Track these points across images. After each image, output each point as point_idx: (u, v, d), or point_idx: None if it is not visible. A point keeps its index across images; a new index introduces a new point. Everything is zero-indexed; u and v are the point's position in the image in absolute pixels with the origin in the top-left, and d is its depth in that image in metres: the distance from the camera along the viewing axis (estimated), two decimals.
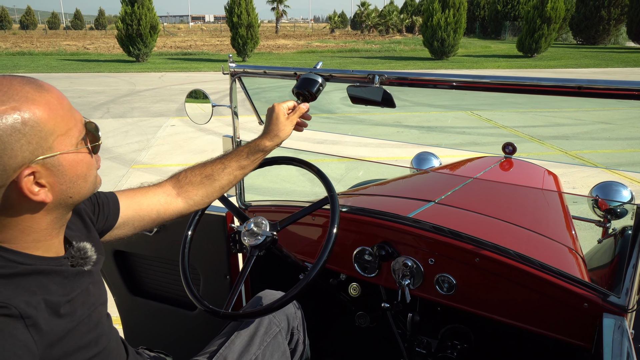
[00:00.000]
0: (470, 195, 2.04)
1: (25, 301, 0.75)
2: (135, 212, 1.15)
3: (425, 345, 1.73)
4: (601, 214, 2.33)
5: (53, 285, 0.82)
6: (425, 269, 1.46)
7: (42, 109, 0.76)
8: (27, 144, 0.74)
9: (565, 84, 1.10)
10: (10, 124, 0.72)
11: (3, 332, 0.70)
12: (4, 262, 0.77)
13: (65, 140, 0.80)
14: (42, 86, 0.79)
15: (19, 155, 0.73)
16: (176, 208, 1.21)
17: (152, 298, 1.95)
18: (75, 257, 0.90)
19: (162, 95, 12.13)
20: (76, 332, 0.83)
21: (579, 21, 31.64)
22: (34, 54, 24.94)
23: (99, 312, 0.93)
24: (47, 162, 0.77)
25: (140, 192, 1.18)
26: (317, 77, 1.38)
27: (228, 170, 1.25)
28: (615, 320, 1.14)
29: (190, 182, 1.23)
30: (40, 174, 0.77)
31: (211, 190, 1.25)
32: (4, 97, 0.73)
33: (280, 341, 1.35)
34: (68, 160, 0.80)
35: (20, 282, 0.78)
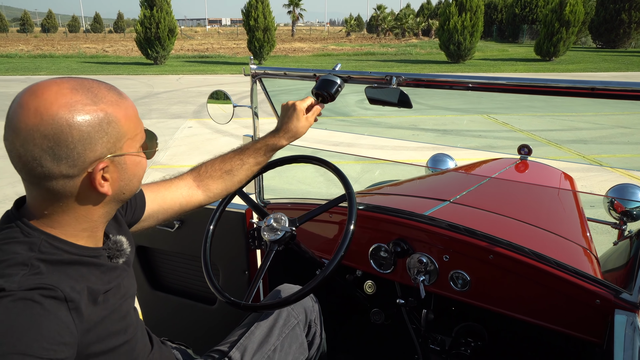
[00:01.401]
0: (485, 195, 2.06)
1: (70, 286, 0.80)
2: (160, 206, 1.23)
3: (440, 343, 1.75)
4: (617, 216, 2.33)
5: (92, 276, 0.88)
6: (440, 266, 1.49)
7: (122, 114, 0.85)
8: (106, 142, 0.83)
9: (579, 85, 1.12)
10: (98, 122, 0.81)
11: (50, 312, 0.75)
12: (52, 249, 0.83)
13: (133, 143, 0.89)
14: (122, 94, 0.88)
15: (99, 150, 0.82)
16: (197, 200, 1.30)
17: (173, 293, 2.01)
18: (112, 249, 0.97)
19: (180, 97, 12.29)
20: (109, 320, 0.89)
21: (598, 24, 31.23)
22: (54, 56, 25.44)
23: (128, 304, 0.99)
24: (116, 160, 0.86)
25: (164, 185, 1.27)
26: (336, 78, 1.43)
27: (246, 167, 1.35)
28: (627, 316, 1.15)
29: (211, 176, 1.32)
30: (109, 168, 0.85)
31: (230, 185, 1.35)
32: (95, 98, 0.82)
33: (298, 333, 1.39)
34: (131, 160, 0.90)
35: (65, 269, 0.83)
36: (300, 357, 1.39)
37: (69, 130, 0.78)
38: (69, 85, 0.81)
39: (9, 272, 0.76)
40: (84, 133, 0.79)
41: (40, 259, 0.80)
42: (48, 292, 0.76)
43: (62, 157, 0.79)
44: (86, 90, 0.82)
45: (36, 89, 0.79)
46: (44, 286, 0.76)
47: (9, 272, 0.76)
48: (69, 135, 0.78)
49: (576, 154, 6.76)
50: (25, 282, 0.75)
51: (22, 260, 0.78)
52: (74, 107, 0.79)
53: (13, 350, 0.69)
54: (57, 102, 0.78)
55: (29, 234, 0.83)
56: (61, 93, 0.79)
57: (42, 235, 0.83)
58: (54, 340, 0.73)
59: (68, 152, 0.79)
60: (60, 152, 0.78)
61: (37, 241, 0.82)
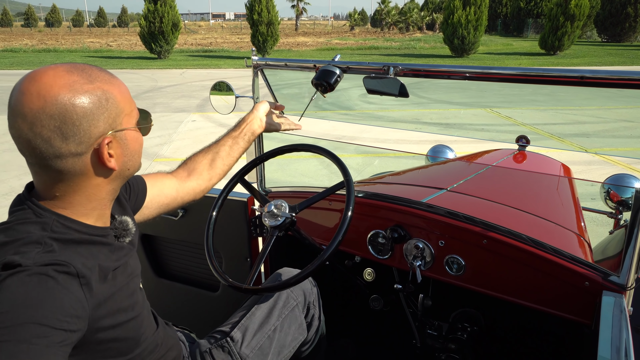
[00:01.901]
0: (481, 183, 2.09)
1: (81, 263, 0.85)
2: (160, 190, 1.29)
3: (437, 328, 1.80)
4: (613, 205, 2.36)
5: (102, 255, 0.93)
6: (436, 251, 1.53)
7: (117, 91, 0.91)
8: (107, 117, 0.88)
9: (569, 74, 1.16)
10: (99, 98, 0.86)
11: (62, 286, 0.79)
12: (63, 229, 0.88)
13: (130, 119, 0.94)
14: (113, 75, 0.93)
15: (101, 126, 0.87)
16: (190, 187, 1.37)
17: (177, 280, 2.06)
18: (119, 229, 1.02)
19: (183, 91, 12.34)
20: (117, 296, 0.94)
21: (604, 18, 31.05)
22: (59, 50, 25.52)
23: (135, 283, 1.04)
24: (118, 135, 0.91)
25: (160, 175, 1.34)
26: (335, 69, 1.47)
27: (225, 148, 1.45)
28: (615, 298, 1.19)
29: (196, 165, 1.41)
30: (112, 144, 0.90)
31: (215, 170, 1.43)
32: (90, 77, 0.87)
33: (297, 314, 1.44)
34: (131, 136, 0.95)
35: (76, 248, 0.88)
36: (299, 338, 1.44)
37: (73, 108, 0.83)
38: (63, 68, 0.85)
39: (24, 250, 0.81)
40: (86, 109, 0.84)
41: (53, 237, 0.85)
42: (61, 268, 0.81)
43: (69, 135, 0.83)
44: (80, 71, 0.86)
45: (34, 75, 0.84)
46: (58, 262, 0.81)
47: (24, 250, 0.81)
48: (73, 113, 0.83)
49: (578, 148, 6.77)
50: (40, 259, 0.80)
51: (36, 239, 0.83)
52: (73, 86, 0.83)
53: (30, 320, 0.73)
54: (57, 84, 0.83)
55: (40, 215, 0.87)
56: (59, 75, 0.84)
57: (53, 215, 0.88)
58: (67, 312, 0.78)
59: (74, 130, 0.83)
60: (67, 130, 0.83)
61: (49, 221, 0.87)
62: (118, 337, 0.94)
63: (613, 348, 1.01)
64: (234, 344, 1.31)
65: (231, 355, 1.30)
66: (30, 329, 0.73)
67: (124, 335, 0.95)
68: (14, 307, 0.74)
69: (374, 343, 2.09)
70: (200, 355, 1.30)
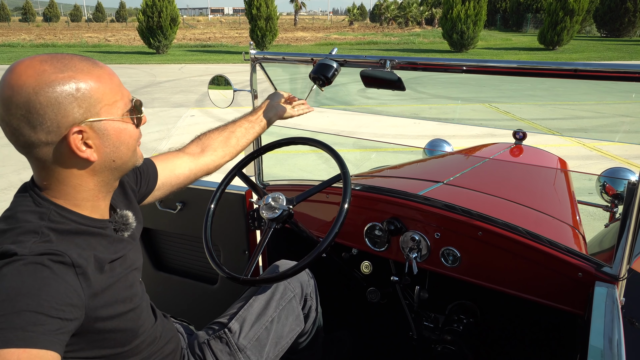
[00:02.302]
0: (477, 177, 2.11)
1: (77, 253, 0.87)
2: (172, 172, 1.31)
3: (433, 320, 1.82)
4: (609, 199, 2.38)
5: (99, 246, 0.95)
6: (432, 243, 1.55)
7: (94, 81, 0.89)
8: (77, 107, 0.86)
9: (562, 67, 1.17)
10: (66, 88, 0.85)
11: (58, 276, 0.81)
12: (60, 219, 0.90)
13: (112, 109, 0.92)
14: (97, 63, 0.92)
15: (70, 116, 0.86)
16: (204, 163, 1.38)
17: (176, 273, 2.07)
18: (118, 223, 1.03)
19: (182, 86, 12.32)
20: (115, 287, 0.95)
21: (603, 13, 30.95)
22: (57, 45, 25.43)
23: (134, 275, 1.05)
24: (95, 126, 0.89)
25: (171, 154, 1.35)
26: (332, 62, 1.48)
27: (241, 129, 1.47)
28: (607, 288, 1.21)
29: (211, 141, 1.42)
30: (88, 135, 0.89)
31: (229, 148, 1.44)
32: (64, 67, 0.86)
33: (295, 306, 1.46)
34: (113, 127, 0.92)
35: (73, 238, 0.90)
36: (296, 329, 1.46)
37: (36, 97, 0.83)
38: (39, 59, 0.86)
39: (21, 239, 0.82)
40: (50, 98, 0.84)
41: (50, 227, 0.86)
42: (57, 258, 0.82)
43: (36, 124, 0.84)
44: (56, 61, 0.86)
45: (12, 66, 0.86)
46: (53, 252, 0.82)
47: (21, 239, 0.82)
48: (36, 102, 0.83)
49: (576, 142, 6.79)
50: (36, 248, 0.81)
51: (33, 229, 0.85)
52: (40, 75, 0.84)
53: (26, 308, 0.74)
54: (26, 73, 0.83)
55: (39, 204, 0.89)
56: (31, 65, 0.84)
57: (52, 205, 0.90)
58: (62, 301, 0.79)
59: (40, 119, 0.84)
60: (33, 119, 0.84)
61: (47, 211, 0.88)
62: (116, 327, 0.95)
63: (604, 338, 1.03)
64: (232, 335, 1.33)
65: (229, 346, 1.32)
66: (26, 317, 0.74)
67: (122, 326, 0.96)
68: (10, 296, 0.75)
69: (370, 335, 2.11)
70: (199, 346, 1.32)
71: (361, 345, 2.04)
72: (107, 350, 0.96)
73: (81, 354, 0.91)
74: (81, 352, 0.90)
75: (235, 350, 1.31)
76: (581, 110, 9.04)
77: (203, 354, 1.30)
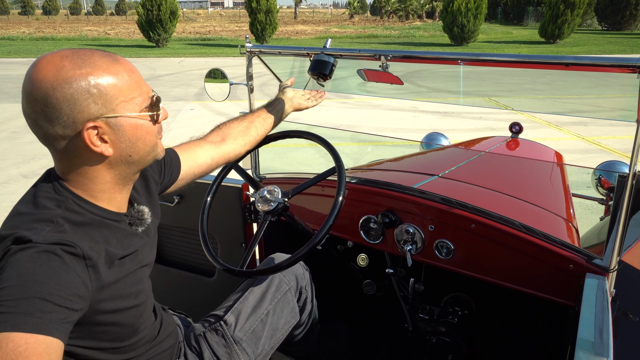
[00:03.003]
0: (472, 170, 2.12)
1: (89, 246, 0.88)
2: (194, 161, 1.34)
3: (429, 312, 1.83)
4: (604, 192, 2.39)
5: (114, 240, 0.96)
6: (426, 235, 1.56)
7: (111, 77, 0.90)
8: (93, 103, 0.88)
9: (554, 60, 1.18)
10: (83, 85, 0.87)
11: (69, 266, 0.83)
12: (77, 208, 0.92)
13: (128, 105, 0.93)
14: (117, 59, 0.93)
15: (86, 111, 0.88)
16: (225, 151, 1.42)
17: (173, 265, 2.09)
18: (134, 217, 1.04)
19: (182, 80, 12.30)
20: (122, 282, 0.96)
21: (604, 6, 30.82)
22: (56, 39, 25.35)
23: (143, 272, 1.06)
24: (110, 122, 0.91)
25: (193, 143, 1.39)
26: (329, 58, 1.49)
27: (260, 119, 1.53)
28: (598, 280, 1.22)
29: (231, 130, 1.46)
30: (104, 130, 0.91)
31: (249, 137, 1.49)
32: (82, 63, 0.88)
33: (290, 298, 1.47)
34: (129, 123, 0.94)
35: (88, 230, 0.91)
36: (291, 321, 1.47)
37: (53, 92, 0.85)
38: (61, 54, 0.88)
39: (36, 227, 0.85)
40: (67, 94, 0.86)
41: (65, 217, 0.89)
42: (69, 249, 0.84)
43: (53, 118, 0.86)
44: (76, 57, 0.88)
45: (37, 60, 0.88)
46: (66, 242, 0.84)
47: (36, 227, 0.85)
48: (53, 97, 0.85)
49: (575, 136, 6.79)
50: (50, 237, 0.83)
51: (50, 217, 0.87)
52: (59, 71, 0.86)
53: (36, 295, 0.76)
54: (46, 69, 0.86)
55: (59, 192, 0.92)
56: (51, 61, 0.87)
57: (70, 194, 0.92)
58: (70, 291, 0.81)
59: (56, 113, 0.86)
60: (50, 114, 0.86)
61: (65, 199, 0.91)
62: (117, 321, 0.96)
63: (594, 329, 1.04)
64: (228, 327, 1.34)
65: (225, 338, 1.33)
66: (35, 303, 0.76)
67: (123, 321, 0.98)
68: (21, 282, 0.77)
69: (366, 327, 2.13)
70: (195, 338, 1.33)
71: (357, 337, 2.05)
72: (105, 342, 0.97)
73: (79, 342, 0.93)
74: (79, 341, 0.92)
75: (230, 343, 1.32)
76: (581, 104, 9.04)
77: (199, 347, 1.31)
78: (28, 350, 0.72)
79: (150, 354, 1.12)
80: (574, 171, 4.28)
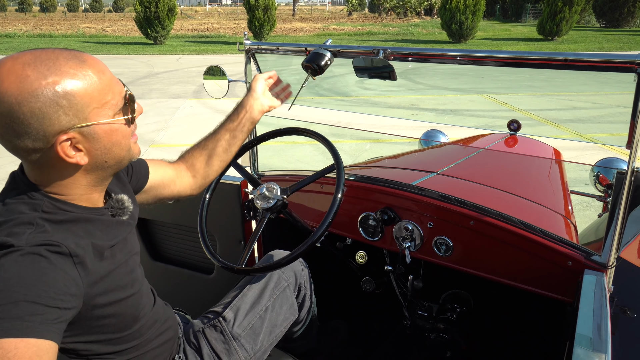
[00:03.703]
0: (471, 167, 2.13)
1: (75, 242, 0.87)
2: (161, 179, 1.28)
3: (427, 309, 1.84)
4: (602, 189, 2.40)
5: (98, 232, 0.94)
6: (425, 232, 1.56)
7: (81, 84, 0.83)
8: (64, 115, 0.82)
9: (552, 57, 1.18)
10: (50, 96, 0.80)
11: (56, 266, 0.81)
12: (55, 210, 0.89)
13: (101, 111, 0.87)
14: (85, 61, 0.86)
15: (57, 124, 0.82)
16: (187, 182, 1.33)
17: (173, 263, 2.09)
18: (115, 207, 1.02)
19: (180, 77, 12.28)
20: (115, 273, 0.96)
21: (602, 3, 30.79)
22: (54, 36, 25.24)
23: (134, 260, 1.06)
24: (84, 131, 0.86)
25: (163, 163, 1.31)
26: (326, 52, 1.48)
27: (222, 144, 1.35)
28: (596, 276, 1.23)
29: (195, 161, 1.34)
30: (77, 139, 0.86)
31: (212, 168, 1.36)
32: (47, 71, 0.81)
33: (289, 294, 1.47)
34: (103, 129, 0.88)
35: (70, 227, 0.90)
36: (290, 317, 1.48)
37: (19, 108, 0.79)
38: (22, 61, 0.80)
39: (17, 231, 0.82)
40: (34, 109, 0.79)
41: (44, 218, 0.86)
42: (54, 248, 0.83)
43: (21, 133, 0.81)
44: (39, 64, 0.81)
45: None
46: (50, 242, 0.83)
47: (16, 231, 0.82)
48: (19, 113, 0.79)
49: (573, 133, 6.80)
50: (33, 239, 0.81)
51: (28, 220, 0.84)
52: (22, 83, 0.78)
53: (24, 299, 0.75)
54: (8, 80, 0.78)
55: (32, 196, 0.88)
56: (12, 70, 0.79)
57: (45, 197, 0.89)
58: (60, 291, 0.80)
59: (24, 128, 0.80)
60: (18, 128, 0.80)
61: (40, 202, 0.88)
62: (115, 313, 0.96)
63: (593, 325, 1.04)
64: (226, 323, 1.35)
65: (223, 334, 1.33)
66: (24, 307, 0.75)
67: (121, 312, 0.98)
68: (7, 286, 0.75)
69: (365, 324, 2.14)
70: (194, 334, 1.33)
71: (356, 334, 2.06)
72: (107, 335, 0.97)
73: (81, 339, 0.92)
74: (80, 337, 0.92)
75: (229, 339, 1.33)
76: (579, 101, 9.05)
77: (198, 343, 1.32)
78: (18, 356, 0.72)
79: (153, 344, 1.12)
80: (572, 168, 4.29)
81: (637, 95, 1.07)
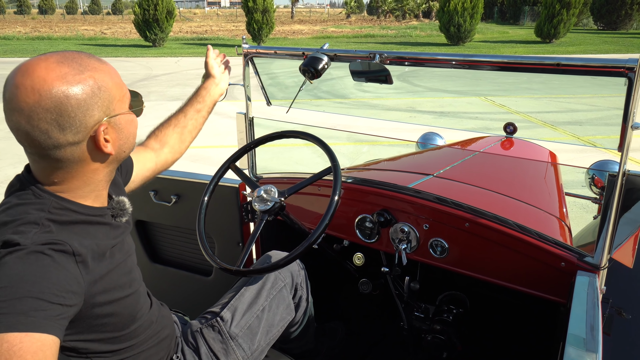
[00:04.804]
0: (467, 169, 2.14)
1: (78, 242, 0.90)
2: (143, 165, 1.36)
3: (424, 310, 1.85)
4: (597, 191, 2.42)
5: (100, 233, 0.98)
6: (420, 234, 1.58)
7: (108, 78, 0.93)
8: (101, 105, 0.91)
9: (545, 62, 1.20)
10: (91, 88, 0.89)
11: (59, 264, 0.84)
12: (60, 210, 0.92)
13: (122, 103, 0.97)
14: (101, 60, 0.95)
15: (96, 115, 0.90)
16: (164, 159, 1.43)
17: (171, 265, 2.10)
18: (116, 209, 1.06)
19: (178, 79, 12.29)
20: (114, 273, 0.98)
21: (600, 6, 30.88)
22: (52, 38, 25.25)
23: (132, 260, 1.09)
24: (112, 121, 0.94)
25: (140, 149, 1.39)
26: (323, 56, 1.51)
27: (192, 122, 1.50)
28: (589, 277, 1.25)
29: (167, 138, 1.45)
30: (107, 130, 0.94)
31: (183, 144, 1.48)
32: (80, 67, 0.89)
33: (285, 295, 1.49)
34: (125, 120, 0.98)
35: (74, 228, 0.93)
36: (287, 318, 1.49)
37: (67, 100, 0.86)
38: (54, 59, 0.87)
39: (23, 230, 0.85)
40: (80, 100, 0.87)
41: (50, 219, 0.89)
42: (58, 247, 0.85)
43: (66, 126, 0.87)
44: (71, 61, 0.88)
45: (26, 68, 0.86)
46: (55, 241, 0.85)
47: (22, 230, 0.85)
48: (68, 105, 0.86)
49: (571, 135, 6.82)
50: (38, 239, 0.84)
51: (34, 220, 0.87)
52: (65, 78, 0.86)
53: (28, 295, 0.78)
54: (50, 77, 0.85)
55: (39, 196, 0.92)
56: (50, 68, 0.86)
57: (52, 197, 0.93)
58: (63, 288, 0.82)
59: (70, 121, 0.87)
60: (64, 122, 0.86)
61: (47, 202, 0.91)
62: (114, 312, 0.98)
63: (585, 325, 1.06)
64: (224, 323, 1.36)
65: (221, 334, 1.35)
66: (28, 303, 0.77)
67: (120, 311, 1.00)
68: (12, 283, 0.78)
69: (362, 325, 2.15)
70: (192, 334, 1.35)
71: (353, 335, 2.07)
72: (106, 333, 0.99)
73: (80, 337, 0.95)
74: (80, 336, 0.94)
75: (227, 338, 1.34)
76: (576, 104, 9.07)
77: (196, 342, 1.33)
78: (23, 349, 0.74)
79: (149, 344, 1.14)
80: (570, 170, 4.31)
81: (627, 99, 1.09)
